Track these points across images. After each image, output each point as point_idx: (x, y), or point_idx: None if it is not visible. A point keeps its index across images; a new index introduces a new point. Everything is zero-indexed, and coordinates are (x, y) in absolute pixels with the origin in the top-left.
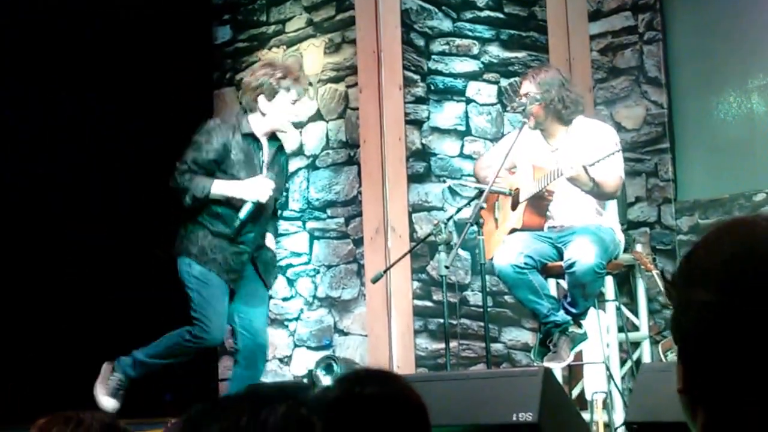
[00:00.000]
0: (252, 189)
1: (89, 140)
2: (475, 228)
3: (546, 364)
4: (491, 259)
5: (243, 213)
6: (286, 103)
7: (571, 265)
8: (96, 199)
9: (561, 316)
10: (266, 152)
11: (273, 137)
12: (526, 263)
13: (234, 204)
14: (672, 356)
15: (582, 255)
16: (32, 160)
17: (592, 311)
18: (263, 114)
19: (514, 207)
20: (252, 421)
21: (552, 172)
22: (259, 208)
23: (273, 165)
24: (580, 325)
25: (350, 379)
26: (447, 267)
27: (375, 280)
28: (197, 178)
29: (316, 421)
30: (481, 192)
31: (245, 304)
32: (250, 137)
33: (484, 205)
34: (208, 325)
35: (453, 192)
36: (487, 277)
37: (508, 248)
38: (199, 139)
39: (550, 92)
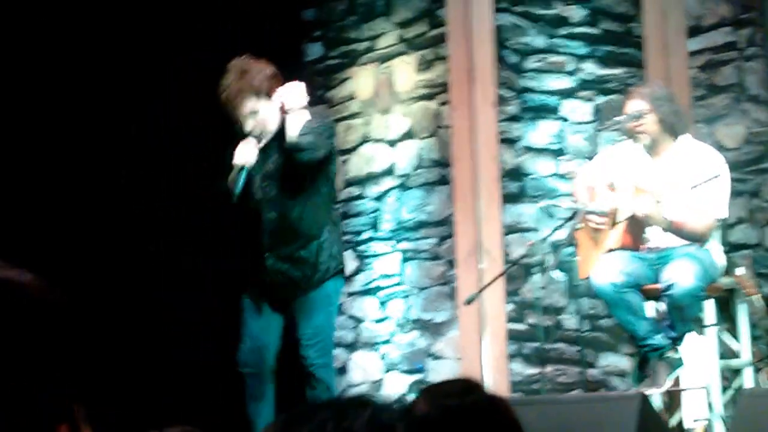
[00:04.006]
0: (237, 154)
1: (181, 160)
2: (570, 249)
3: (643, 389)
4: (587, 278)
5: (238, 185)
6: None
7: (669, 287)
8: (180, 216)
9: (659, 339)
10: None
11: None
12: (626, 282)
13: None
14: None
15: (680, 277)
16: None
17: (691, 336)
18: None
19: (612, 226)
20: (337, 427)
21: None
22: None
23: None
24: (676, 350)
25: (438, 391)
26: (542, 289)
27: (469, 302)
28: None
29: (399, 427)
30: (576, 212)
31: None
32: None
33: (579, 226)
34: (239, 349)
35: (548, 213)
36: (583, 300)
37: (608, 266)
38: None
39: (663, 107)
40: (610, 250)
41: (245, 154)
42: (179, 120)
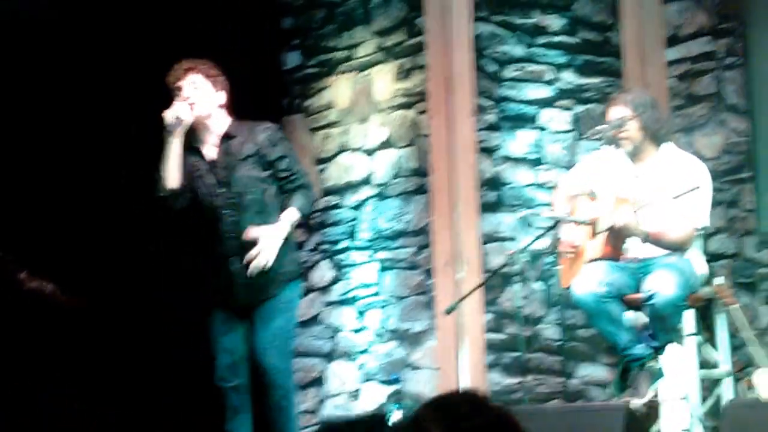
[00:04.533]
0: (170, 111)
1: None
2: (550, 259)
3: (625, 399)
4: (568, 287)
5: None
6: None
7: (650, 297)
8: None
9: (640, 349)
10: None
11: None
12: (607, 292)
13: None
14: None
15: (662, 286)
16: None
17: (670, 346)
18: None
19: (593, 236)
20: None
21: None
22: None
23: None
24: (658, 360)
25: (448, 410)
26: (521, 299)
27: (449, 312)
28: None
29: None
30: (557, 222)
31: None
32: None
33: (560, 236)
34: (215, 365)
35: (526, 222)
36: (563, 310)
37: (589, 276)
38: None
39: (645, 113)
40: (591, 260)
41: (179, 111)
42: None
